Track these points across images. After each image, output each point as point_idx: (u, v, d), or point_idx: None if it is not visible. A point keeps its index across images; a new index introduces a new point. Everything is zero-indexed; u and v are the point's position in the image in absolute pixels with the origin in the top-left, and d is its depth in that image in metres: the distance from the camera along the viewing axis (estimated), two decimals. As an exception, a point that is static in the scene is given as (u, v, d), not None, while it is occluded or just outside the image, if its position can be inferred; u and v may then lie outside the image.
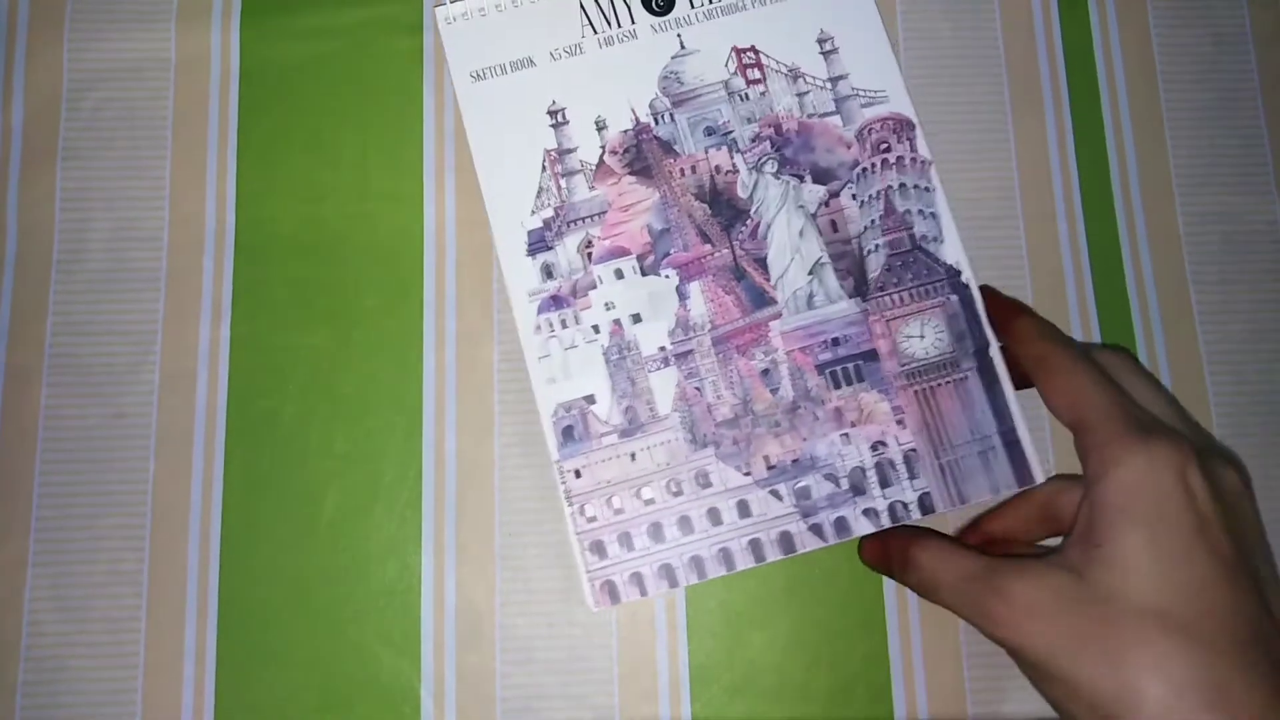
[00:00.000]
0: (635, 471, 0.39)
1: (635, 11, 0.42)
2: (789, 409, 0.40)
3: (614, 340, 0.40)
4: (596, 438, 0.39)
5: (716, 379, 0.40)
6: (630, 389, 0.40)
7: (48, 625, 0.39)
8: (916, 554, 0.35)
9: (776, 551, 0.38)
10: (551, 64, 0.42)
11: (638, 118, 0.41)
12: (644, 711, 0.39)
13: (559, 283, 0.40)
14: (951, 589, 0.33)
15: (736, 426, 0.39)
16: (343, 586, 0.40)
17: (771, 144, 0.41)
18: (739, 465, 0.39)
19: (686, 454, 0.39)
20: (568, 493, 0.39)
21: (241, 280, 0.41)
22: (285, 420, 0.41)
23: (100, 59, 0.43)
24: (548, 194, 0.41)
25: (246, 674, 0.39)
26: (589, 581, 0.38)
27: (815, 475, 0.39)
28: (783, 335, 0.40)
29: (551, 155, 0.41)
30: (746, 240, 0.41)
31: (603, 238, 0.41)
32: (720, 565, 0.38)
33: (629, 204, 0.41)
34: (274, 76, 0.43)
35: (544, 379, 0.39)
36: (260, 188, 0.42)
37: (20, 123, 0.42)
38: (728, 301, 0.40)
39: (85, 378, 0.41)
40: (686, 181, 0.41)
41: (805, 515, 0.39)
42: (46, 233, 0.42)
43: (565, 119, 0.41)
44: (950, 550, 0.35)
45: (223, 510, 0.40)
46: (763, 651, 0.40)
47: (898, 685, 0.39)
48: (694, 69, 0.42)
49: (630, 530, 0.39)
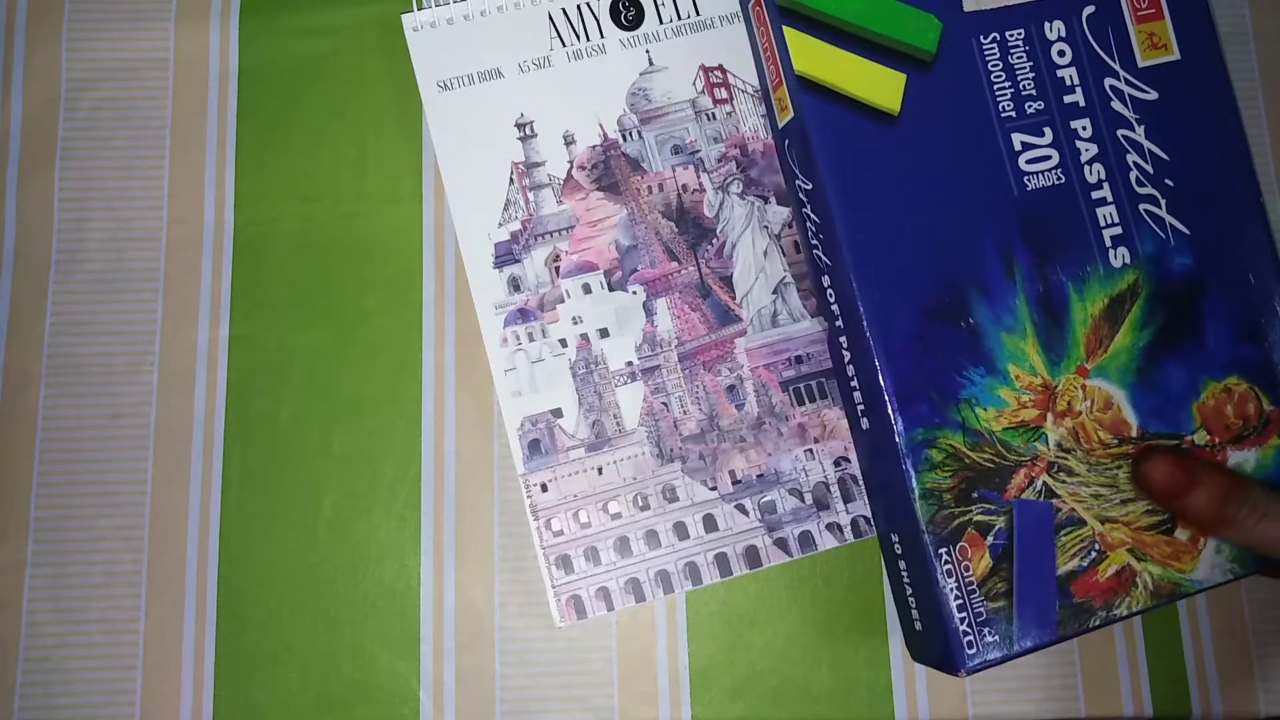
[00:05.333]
0: (602, 485, 0.39)
1: (604, 25, 0.42)
2: (754, 424, 0.40)
3: (581, 354, 0.40)
4: (563, 451, 0.39)
5: (683, 394, 0.40)
6: (597, 403, 0.40)
7: (46, 626, 0.39)
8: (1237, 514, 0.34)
9: (742, 566, 0.39)
10: (520, 76, 0.42)
11: (606, 133, 0.42)
12: (644, 713, 0.39)
13: (526, 296, 0.40)
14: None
15: (702, 441, 0.40)
16: (341, 587, 0.39)
17: (737, 164, 0.42)
18: (705, 480, 0.39)
19: (653, 468, 0.39)
20: (533, 507, 0.39)
21: (240, 280, 0.41)
22: (284, 420, 0.40)
23: (99, 58, 0.43)
24: (515, 207, 0.41)
25: (245, 675, 0.39)
26: (555, 596, 0.38)
27: (780, 490, 0.39)
28: (748, 352, 0.40)
29: (519, 168, 0.41)
30: (712, 259, 0.41)
31: (570, 252, 0.41)
32: (687, 580, 0.39)
33: (597, 219, 0.41)
34: (272, 76, 0.43)
35: (510, 392, 0.40)
36: (259, 187, 0.42)
37: (19, 122, 0.42)
38: (694, 318, 0.41)
39: (83, 378, 0.40)
40: (654, 199, 0.41)
41: (770, 530, 0.39)
42: (45, 233, 0.41)
43: (533, 132, 0.41)
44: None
45: (221, 511, 0.40)
46: (763, 653, 0.39)
47: (899, 686, 0.39)
48: (662, 86, 0.42)
49: (597, 545, 0.39)
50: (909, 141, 0.36)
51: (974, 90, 0.37)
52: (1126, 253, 0.37)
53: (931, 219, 0.36)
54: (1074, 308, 0.36)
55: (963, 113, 0.37)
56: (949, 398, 0.35)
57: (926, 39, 0.37)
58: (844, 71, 0.37)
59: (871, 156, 0.36)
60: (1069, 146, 0.37)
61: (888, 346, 0.35)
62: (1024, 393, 0.36)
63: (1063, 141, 0.37)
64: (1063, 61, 0.37)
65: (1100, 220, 0.37)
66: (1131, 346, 0.36)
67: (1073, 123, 0.37)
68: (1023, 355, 0.36)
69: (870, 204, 0.36)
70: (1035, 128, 0.37)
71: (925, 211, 0.36)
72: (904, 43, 0.37)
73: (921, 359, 0.35)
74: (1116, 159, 0.37)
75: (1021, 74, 0.37)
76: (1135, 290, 0.36)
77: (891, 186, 0.36)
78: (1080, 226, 0.37)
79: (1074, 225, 0.37)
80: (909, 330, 0.35)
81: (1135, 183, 0.37)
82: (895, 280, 0.36)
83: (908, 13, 0.37)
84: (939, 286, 0.36)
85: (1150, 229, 0.37)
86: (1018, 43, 0.37)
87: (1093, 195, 0.37)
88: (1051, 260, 0.36)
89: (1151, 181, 0.37)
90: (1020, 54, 0.37)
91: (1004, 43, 0.37)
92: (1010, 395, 0.36)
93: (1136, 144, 0.37)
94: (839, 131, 0.36)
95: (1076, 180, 0.37)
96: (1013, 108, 0.37)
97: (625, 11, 0.42)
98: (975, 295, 0.36)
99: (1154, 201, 0.37)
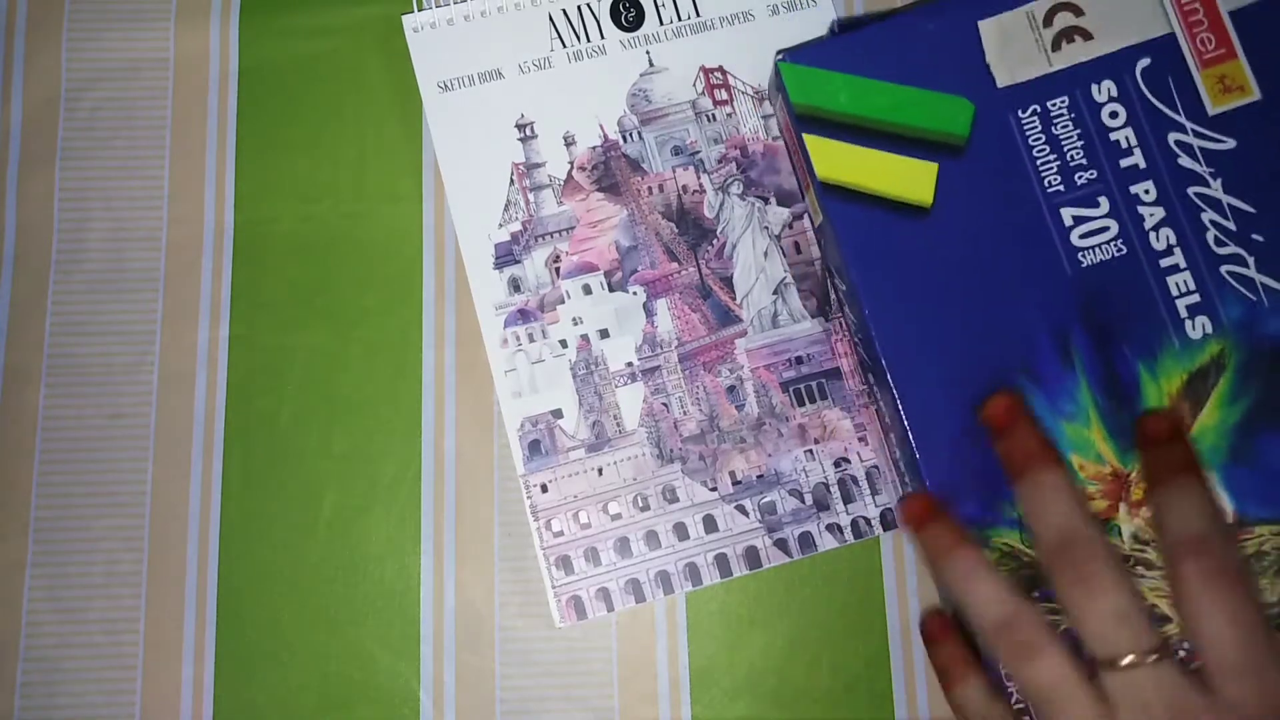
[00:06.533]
0: (602, 486, 0.39)
1: (605, 26, 0.42)
2: (754, 425, 0.40)
3: (581, 355, 0.40)
4: (563, 452, 0.39)
5: (683, 395, 0.40)
6: (597, 404, 0.40)
7: (46, 626, 0.39)
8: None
9: (742, 566, 0.39)
10: (520, 77, 0.42)
11: (606, 134, 0.42)
12: (644, 714, 0.39)
13: (526, 296, 0.40)
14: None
15: (703, 442, 0.40)
16: (342, 587, 0.39)
17: (737, 165, 0.42)
18: (705, 480, 0.39)
19: (653, 469, 0.39)
20: (533, 508, 0.39)
21: (240, 280, 0.41)
22: (284, 420, 0.40)
23: (99, 59, 0.43)
24: (515, 207, 0.41)
25: (245, 675, 0.39)
26: (555, 597, 0.38)
27: (780, 491, 0.39)
28: (748, 353, 0.40)
29: (519, 169, 0.41)
30: (713, 259, 0.41)
31: (571, 253, 0.41)
32: (687, 580, 0.39)
33: (597, 220, 0.41)
34: (273, 75, 0.43)
35: (510, 392, 0.40)
36: (259, 187, 0.42)
37: (19, 123, 0.42)
38: (694, 319, 0.41)
39: (83, 378, 0.40)
40: (654, 200, 0.41)
41: (770, 530, 0.39)
42: (45, 233, 0.41)
43: (534, 133, 0.41)
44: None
45: (221, 511, 0.40)
46: (763, 654, 0.39)
47: (899, 687, 0.39)
48: (662, 87, 0.42)
49: (597, 545, 0.39)
50: (944, 233, 0.35)
51: (1015, 169, 0.35)
52: (1208, 322, 0.34)
53: (974, 310, 0.35)
54: (1146, 388, 0.34)
55: (1003, 195, 0.35)
56: (1003, 494, 0.33)
57: (958, 124, 0.35)
58: (871, 171, 0.35)
59: (905, 255, 0.35)
60: (1129, 214, 0.34)
61: (930, 447, 0.34)
62: (1090, 483, 0.34)
63: (1121, 209, 0.34)
64: (1116, 124, 0.35)
65: (1172, 289, 0.34)
66: (1221, 424, 0.33)
67: (1132, 188, 0.35)
68: (1087, 444, 0.34)
69: (907, 304, 0.35)
70: (1088, 199, 0.35)
71: (967, 303, 0.35)
72: (933, 131, 0.35)
73: (970, 456, 0.34)
74: (1189, 220, 0.34)
75: (1069, 144, 0.35)
76: (1220, 362, 0.33)
77: (929, 282, 0.35)
78: (1148, 299, 0.34)
79: (1140, 298, 0.34)
80: (955, 428, 0.34)
81: (1214, 243, 0.34)
82: (938, 377, 0.34)
83: (935, 99, 0.35)
84: (985, 379, 0.34)
85: (1236, 292, 0.34)
86: (1061, 111, 0.35)
87: (1161, 263, 0.34)
88: (1116, 339, 0.34)
89: (1234, 239, 0.34)
90: (1065, 123, 0.35)
91: (1045, 114, 0.35)
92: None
93: (1213, 200, 0.34)
94: (869, 234, 0.35)
95: (1141, 249, 0.34)
96: (1060, 181, 0.35)
97: (626, 12, 0.42)
98: (1027, 384, 0.34)
99: (1239, 261, 0.34)
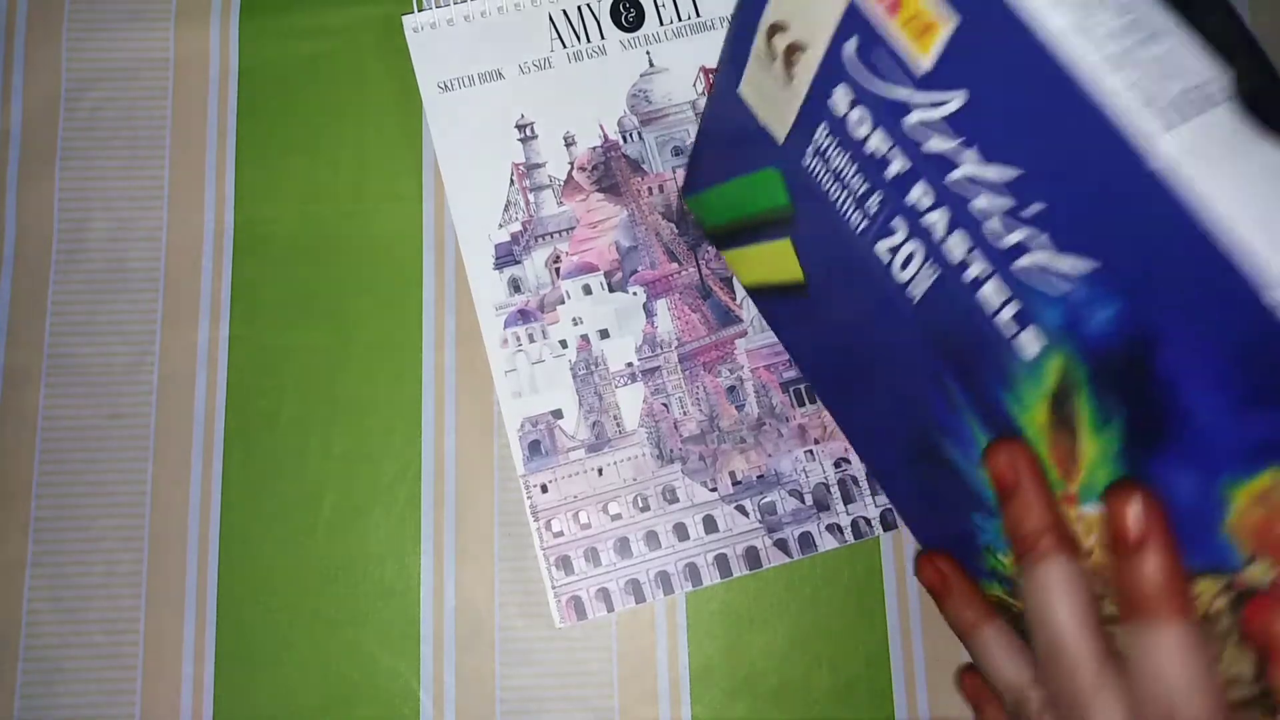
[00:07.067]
0: (602, 486, 0.39)
1: (605, 27, 0.42)
2: (754, 425, 0.40)
3: (581, 355, 0.40)
4: (563, 452, 0.39)
5: (683, 395, 0.40)
6: (597, 404, 0.40)
7: (46, 626, 0.39)
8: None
9: (742, 567, 0.39)
10: (520, 77, 0.42)
11: (606, 135, 0.42)
12: (644, 713, 0.39)
13: (526, 297, 0.40)
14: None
15: (703, 442, 0.40)
16: (342, 587, 0.39)
17: None
18: (705, 481, 0.39)
19: (653, 469, 0.39)
20: (533, 508, 0.39)
21: (240, 280, 0.41)
22: (284, 421, 0.40)
23: (98, 59, 0.43)
24: (515, 208, 0.41)
25: (245, 675, 0.39)
26: (555, 597, 0.38)
27: (780, 491, 0.39)
28: (748, 353, 0.40)
29: (519, 169, 0.41)
30: (713, 259, 0.41)
31: (571, 253, 0.41)
32: (687, 581, 0.39)
33: (597, 220, 0.41)
34: (273, 76, 0.43)
35: (510, 393, 0.40)
36: (259, 187, 0.42)
37: (19, 123, 0.42)
38: (694, 319, 0.41)
39: (83, 378, 0.40)
40: (654, 200, 0.41)
41: (770, 530, 0.39)
42: (45, 233, 0.41)
43: (534, 133, 0.41)
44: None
45: (221, 511, 0.40)
46: (763, 653, 0.39)
47: (899, 686, 0.39)
48: (662, 88, 0.42)
49: (597, 546, 0.39)
50: (821, 303, 0.33)
51: (829, 219, 0.29)
52: (1039, 334, 0.24)
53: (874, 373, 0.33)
54: (1020, 421, 0.26)
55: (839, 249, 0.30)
56: (972, 549, 0.31)
57: (778, 196, 0.31)
58: (758, 265, 0.36)
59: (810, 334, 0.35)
60: (918, 229, 0.26)
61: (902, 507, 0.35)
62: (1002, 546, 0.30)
63: (915, 226, 0.26)
64: (865, 131, 0.26)
65: (988, 305, 0.25)
66: (1103, 455, 0.24)
67: (907, 198, 0.26)
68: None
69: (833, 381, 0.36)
70: (884, 227, 0.28)
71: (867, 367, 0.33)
72: (767, 210, 0.33)
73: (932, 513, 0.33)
74: (965, 215, 0.25)
75: (847, 173, 0.28)
76: (1070, 380, 0.24)
77: (835, 354, 0.35)
78: (975, 320, 0.26)
79: (968, 321, 0.26)
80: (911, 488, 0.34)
81: (998, 232, 0.24)
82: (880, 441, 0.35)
83: (750, 181, 0.33)
84: (911, 436, 0.32)
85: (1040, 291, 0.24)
86: (828, 140, 0.28)
87: (964, 277, 0.26)
88: (974, 372, 0.27)
89: (1019, 219, 0.23)
90: (835, 151, 0.28)
91: (820, 150, 0.29)
92: None
93: (975, 180, 0.24)
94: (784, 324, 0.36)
95: (944, 265, 0.26)
96: (861, 218, 0.28)
97: (626, 13, 0.42)
98: (937, 436, 0.30)
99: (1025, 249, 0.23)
